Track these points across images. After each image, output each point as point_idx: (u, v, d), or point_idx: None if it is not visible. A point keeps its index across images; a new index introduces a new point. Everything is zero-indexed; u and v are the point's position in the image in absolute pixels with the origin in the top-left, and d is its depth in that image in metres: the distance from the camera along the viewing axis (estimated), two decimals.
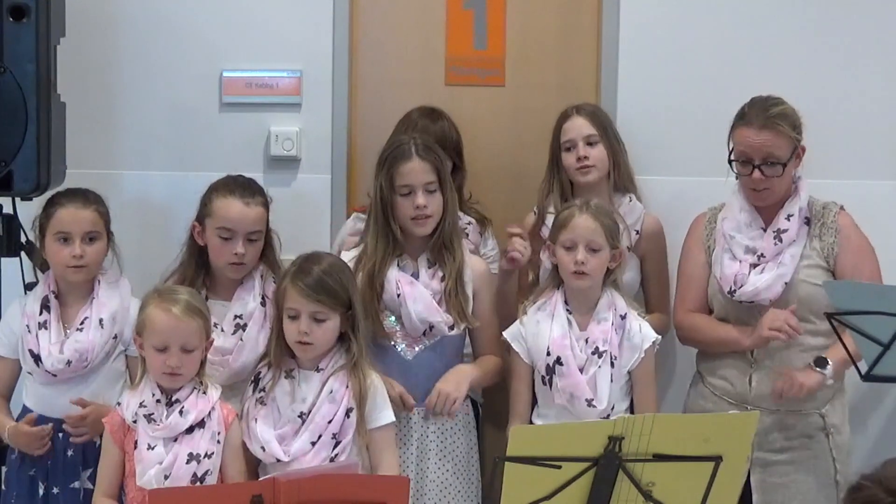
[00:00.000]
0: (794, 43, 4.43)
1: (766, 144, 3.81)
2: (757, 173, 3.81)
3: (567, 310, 3.74)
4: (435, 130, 4.13)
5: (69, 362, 3.69)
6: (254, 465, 3.53)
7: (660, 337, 3.77)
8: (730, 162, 3.88)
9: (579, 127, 4.08)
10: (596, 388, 3.65)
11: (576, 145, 4.06)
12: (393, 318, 3.79)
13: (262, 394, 3.51)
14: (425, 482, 3.78)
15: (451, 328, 3.79)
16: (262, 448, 3.46)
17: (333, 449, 3.45)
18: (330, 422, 3.46)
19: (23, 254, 3.98)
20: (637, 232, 4.10)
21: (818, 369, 3.76)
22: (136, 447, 3.40)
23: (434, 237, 3.81)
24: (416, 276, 3.82)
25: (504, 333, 3.80)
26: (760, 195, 3.87)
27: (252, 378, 3.58)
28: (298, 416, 3.47)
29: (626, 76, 4.45)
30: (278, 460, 3.44)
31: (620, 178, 4.13)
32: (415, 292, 3.77)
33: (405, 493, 3.15)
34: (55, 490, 3.73)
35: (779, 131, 3.81)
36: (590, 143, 4.07)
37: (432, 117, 4.20)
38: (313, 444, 3.45)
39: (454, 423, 3.82)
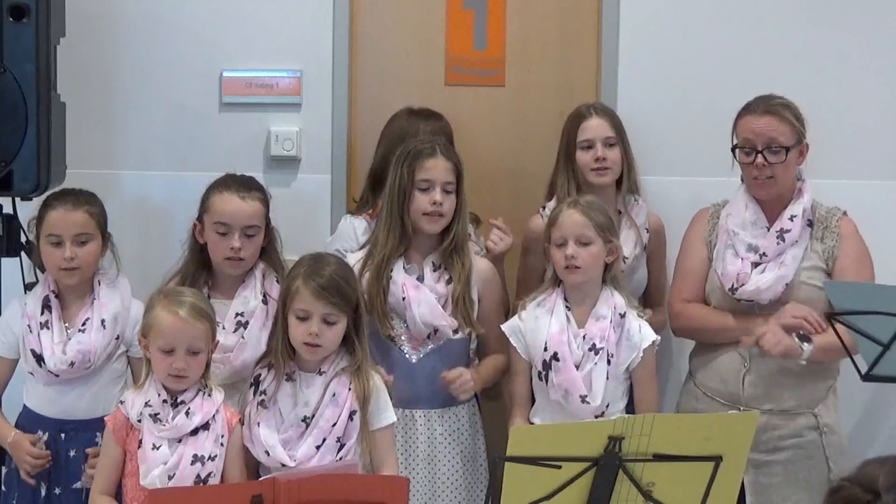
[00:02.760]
0: (794, 43, 4.43)
1: (769, 128, 3.83)
2: (760, 159, 3.82)
3: (566, 306, 3.74)
4: (438, 128, 4.13)
5: (72, 363, 3.69)
6: (254, 466, 3.53)
7: (659, 338, 3.77)
8: (733, 150, 3.88)
9: (599, 128, 4.08)
10: (591, 385, 3.65)
11: (594, 145, 4.07)
12: (398, 320, 3.80)
13: (264, 397, 3.50)
14: (436, 481, 3.80)
15: (456, 332, 3.80)
16: (267, 452, 3.44)
17: (338, 452, 3.43)
18: (334, 425, 3.44)
19: (23, 254, 3.98)
20: (647, 230, 4.11)
21: (798, 342, 3.73)
22: (139, 447, 3.39)
23: (445, 242, 3.83)
24: (421, 279, 3.83)
25: (502, 327, 3.80)
26: (764, 185, 3.86)
27: (251, 380, 3.56)
28: (302, 420, 3.46)
29: (626, 76, 4.46)
30: (283, 465, 3.42)
31: (632, 181, 4.13)
32: (420, 296, 3.78)
33: (405, 493, 3.15)
34: (57, 491, 3.73)
35: (782, 116, 3.85)
36: (608, 145, 4.07)
37: (436, 116, 4.20)
38: (318, 447, 3.43)
39: (461, 422, 3.84)
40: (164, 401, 3.41)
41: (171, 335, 3.39)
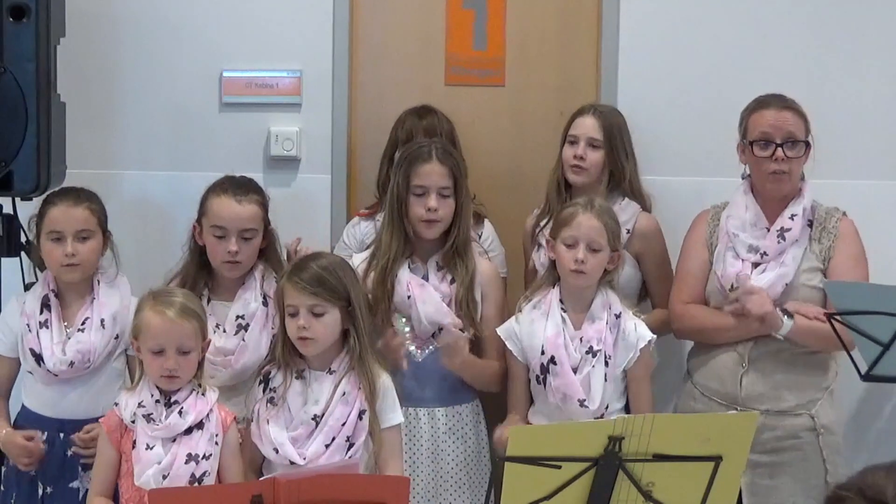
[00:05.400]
0: (794, 43, 4.43)
1: (788, 123, 3.85)
2: (780, 152, 3.82)
3: (562, 308, 3.74)
4: (424, 126, 4.14)
5: (72, 363, 3.69)
6: (257, 466, 3.53)
7: (655, 336, 3.77)
8: (751, 144, 3.87)
9: (587, 126, 4.08)
10: (590, 388, 3.65)
11: (578, 142, 4.07)
12: (403, 319, 3.80)
13: (274, 394, 3.50)
14: (440, 479, 3.81)
15: (462, 331, 3.79)
16: (276, 450, 3.44)
17: (347, 451, 3.44)
18: (343, 424, 3.45)
19: (23, 254, 3.98)
20: (628, 231, 4.09)
21: (780, 314, 3.74)
22: (133, 447, 3.39)
23: (447, 245, 3.82)
24: (426, 278, 3.83)
25: (497, 330, 3.80)
26: (779, 180, 3.86)
27: (260, 379, 3.56)
28: (312, 419, 3.46)
29: (626, 76, 4.46)
30: (291, 462, 3.43)
31: (621, 186, 4.11)
32: (424, 294, 3.78)
33: (405, 493, 3.15)
34: (52, 490, 3.72)
35: (798, 112, 3.88)
36: (591, 146, 4.07)
37: (420, 114, 4.20)
38: (327, 446, 3.44)
39: (464, 421, 3.85)
40: (157, 401, 3.42)
41: (159, 336, 3.40)
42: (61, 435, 3.73)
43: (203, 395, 3.45)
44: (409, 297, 3.79)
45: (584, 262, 3.67)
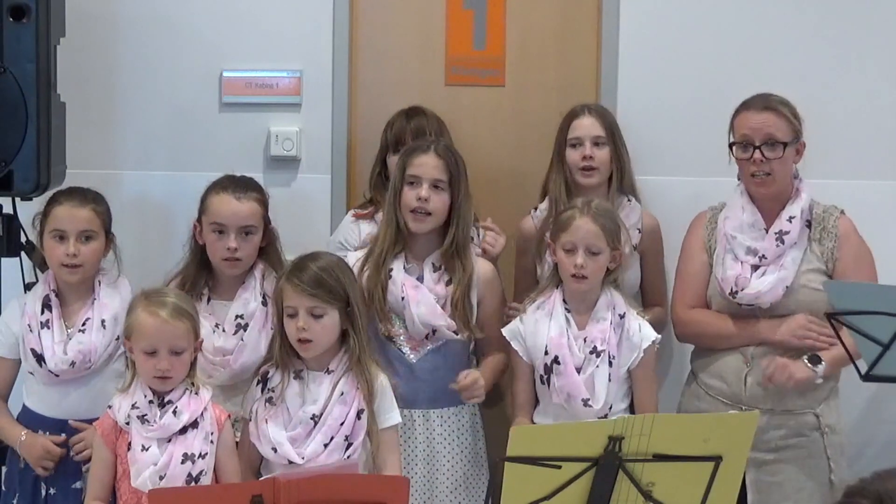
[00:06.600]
0: (795, 43, 4.44)
1: (767, 124, 3.84)
2: (757, 154, 3.82)
3: (566, 308, 3.74)
4: (412, 128, 4.14)
5: (73, 363, 3.68)
6: (256, 466, 3.53)
7: (659, 336, 3.77)
8: (731, 146, 3.88)
9: (588, 126, 4.08)
10: (593, 388, 3.65)
11: (583, 143, 4.07)
12: (397, 319, 3.80)
13: (272, 394, 3.51)
14: (435, 482, 3.80)
15: (456, 333, 3.79)
16: (274, 450, 3.45)
17: (346, 451, 3.45)
18: (342, 423, 3.45)
19: (23, 254, 3.98)
20: (639, 231, 4.11)
21: (810, 366, 3.76)
22: (129, 449, 3.39)
23: (445, 244, 3.82)
24: (421, 279, 3.83)
25: (503, 331, 3.80)
26: (762, 182, 3.86)
27: (259, 379, 3.56)
28: (311, 419, 3.46)
29: (626, 76, 4.46)
30: (290, 462, 3.43)
31: (624, 183, 4.13)
32: (418, 295, 3.78)
33: (405, 493, 3.15)
34: (57, 491, 3.72)
35: (779, 112, 3.86)
36: (596, 144, 4.07)
37: (408, 115, 4.20)
38: (326, 446, 3.44)
39: (461, 423, 3.84)
40: (151, 401, 3.41)
41: (152, 336, 3.40)
42: (62, 435, 3.72)
43: (196, 393, 3.45)
44: (402, 297, 3.78)
45: (584, 266, 3.68)
